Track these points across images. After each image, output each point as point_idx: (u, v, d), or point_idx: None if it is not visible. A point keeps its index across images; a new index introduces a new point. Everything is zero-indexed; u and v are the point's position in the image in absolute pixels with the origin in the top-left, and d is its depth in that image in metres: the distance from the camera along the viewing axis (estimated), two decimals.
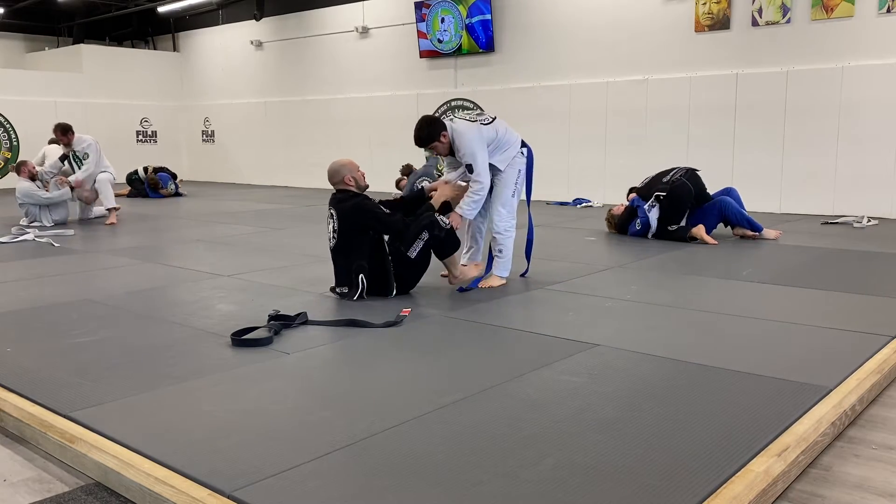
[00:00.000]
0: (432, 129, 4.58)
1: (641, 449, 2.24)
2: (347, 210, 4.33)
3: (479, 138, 4.57)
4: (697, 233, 6.45)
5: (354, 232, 4.34)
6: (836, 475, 2.26)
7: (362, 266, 4.32)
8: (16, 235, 7.23)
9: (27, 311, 4.18)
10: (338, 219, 4.36)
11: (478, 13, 11.16)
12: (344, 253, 4.37)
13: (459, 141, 4.56)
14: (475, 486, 2.01)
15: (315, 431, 2.40)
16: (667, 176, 6.76)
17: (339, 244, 4.38)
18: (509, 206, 4.77)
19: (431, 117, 4.70)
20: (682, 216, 6.65)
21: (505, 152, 4.69)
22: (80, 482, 2.26)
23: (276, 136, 14.57)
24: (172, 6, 14.76)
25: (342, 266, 4.40)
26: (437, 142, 4.57)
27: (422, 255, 4.38)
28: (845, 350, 3.25)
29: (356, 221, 4.32)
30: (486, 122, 4.68)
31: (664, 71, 9.63)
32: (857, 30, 8.25)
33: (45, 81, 14.59)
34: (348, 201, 4.37)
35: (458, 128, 4.59)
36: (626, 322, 3.88)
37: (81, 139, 8.41)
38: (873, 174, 8.24)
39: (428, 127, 4.59)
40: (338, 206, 4.39)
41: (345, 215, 4.33)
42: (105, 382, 2.91)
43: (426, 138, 4.57)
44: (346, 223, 4.33)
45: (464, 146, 4.54)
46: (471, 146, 4.53)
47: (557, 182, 10.54)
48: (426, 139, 4.57)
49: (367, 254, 4.34)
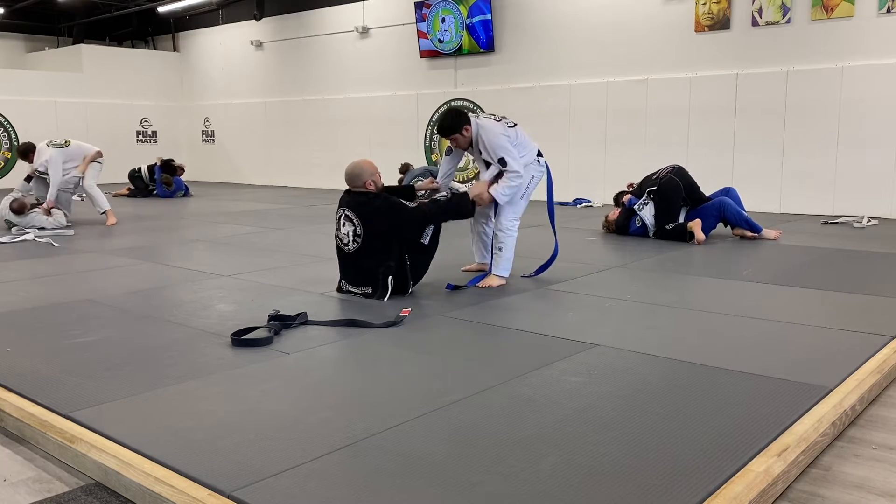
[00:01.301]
0: (458, 120, 4.67)
1: (641, 449, 2.24)
2: (376, 211, 4.24)
3: (505, 134, 4.70)
4: (692, 226, 6.45)
5: (382, 234, 4.27)
6: (836, 475, 2.26)
7: (390, 266, 4.31)
8: (16, 235, 7.23)
9: (27, 311, 4.18)
10: (362, 223, 4.27)
11: (478, 13, 11.17)
12: (369, 255, 4.30)
13: (487, 137, 4.64)
14: (475, 486, 2.01)
15: (315, 431, 2.40)
16: (655, 174, 6.90)
17: (363, 247, 4.29)
18: (516, 207, 4.83)
19: (459, 109, 4.82)
20: (677, 212, 6.67)
21: (522, 157, 4.78)
22: (80, 482, 2.26)
23: (276, 136, 14.58)
24: (172, 6, 14.76)
25: (367, 268, 4.32)
26: (460, 134, 4.66)
27: (433, 240, 4.42)
28: (845, 350, 3.25)
29: (389, 223, 4.26)
30: (509, 124, 4.82)
31: (664, 71, 9.63)
32: (857, 30, 8.25)
33: (45, 81, 14.60)
34: (373, 203, 4.28)
35: (485, 125, 4.69)
36: (626, 322, 3.88)
37: (40, 155, 8.07)
38: (873, 174, 8.24)
39: (454, 118, 4.69)
40: (360, 209, 4.29)
41: (372, 217, 4.25)
42: (105, 382, 2.91)
43: (449, 128, 4.66)
44: (375, 225, 4.25)
45: (492, 141, 4.64)
46: (500, 140, 4.65)
47: (557, 182, 10.38)
48: (449, 129, 4.66)
49: (396, 254, 4.32)
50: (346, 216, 4.37)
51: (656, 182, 6.78)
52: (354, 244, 4.33)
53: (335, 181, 12.37)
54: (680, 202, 6.70)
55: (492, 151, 4.64)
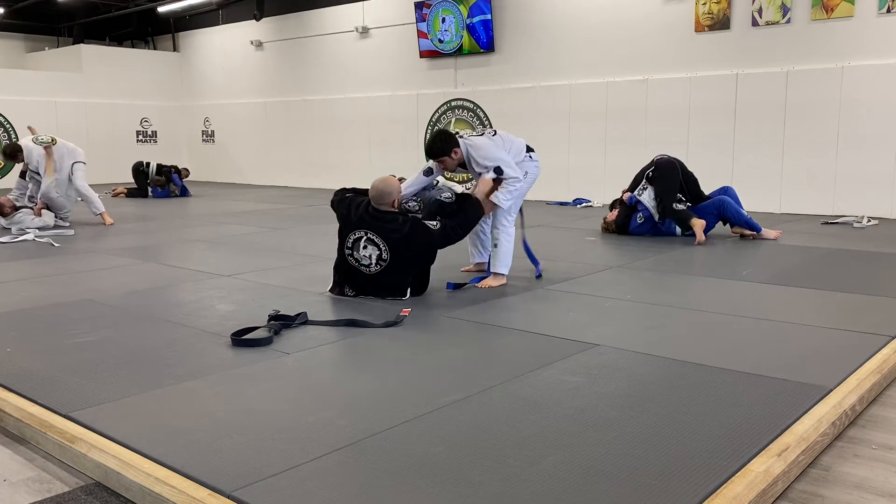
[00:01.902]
0: (446, 144, 4.68)
1: (641, 449, 2.24)
2: (406, 239, 4.17)
3: (494, 145, 4.76)
4: (695, 224, 6.45)
5: (411, 258, 4.26)
6: (836, 475, 2.26)
7: (414, 279, 4.37)
8: (16, 235, 7.22)
9: (27, 311, 4.18)
10: (390, 249, 4.18)
11: (479, 13, 11.16)
12: (393, 274, 4.26)
13: (477, 154, 4.69)
14: (475, 486, 2.01)
15: (315, 431, 2.40)
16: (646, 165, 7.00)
17: (387, 269, 4.23)
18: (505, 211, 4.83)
19: (448, 132, 4.82)
20: (677, 189, 6.69)
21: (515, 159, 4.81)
22: (80, 482, 2.26)
23: (276, 136, 14.57)
24: (172, 6, 14.76)
25: (390, 284, 4.30)
26: (448, 157, 4.67)
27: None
28: (845, 350, 3.25)
29: (420, 249, 4.25)
30: (492, 134, 4.87)
31: (664, 71, 9.63)
32: (857, 30, 8.25)
33: (45, 81, 14.60)
34: (401, 230, 4.17)
35: (474, 143, 4.73)
36: (626, 322, 3.88)
37: (30, 154, 8.01)
38: (873, 174, 8.23)
39: (442, 141, 4.69)
40: (388, 235, 4.17)
41: (402, 245, 4.18)
42: (105, 382, 2.91)
43: (438, 152, 4.67)
44: (405, 252, 4.20)
45: (484, 156, 4.68)
46: (491, 152, 4.70)
47: (557, 182, 10.54)
48: (437, 153, 4.67)
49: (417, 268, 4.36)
50: (369, 239, 4.22)
51: (651, 165, 6.87)
52: (377, 267, 4.25)
53: (335, 181, 12.35)
54: (679, 179, 6.72)
55: (487, 165, 4.67)
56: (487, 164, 4.67)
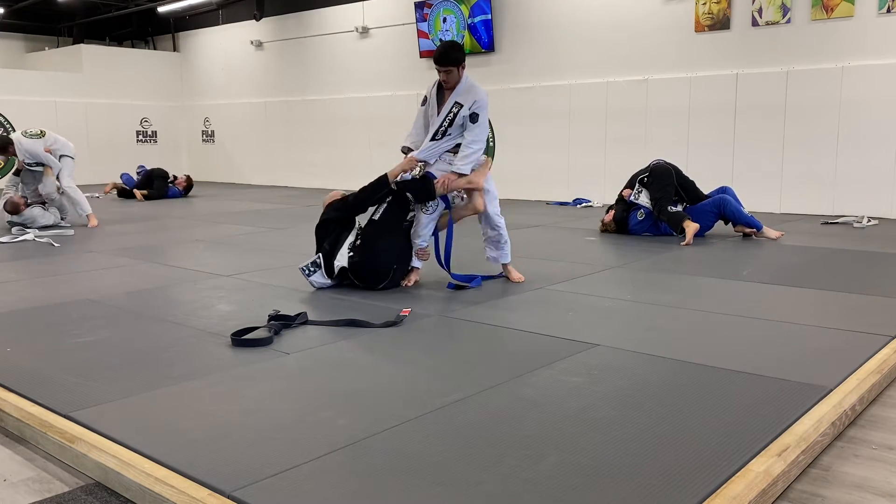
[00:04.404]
0: (461, 55, 4.59)
1: (641, 449, 2.23)
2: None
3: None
4: (688, 226, 6.47)
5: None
6: (836, 475, 2.26)
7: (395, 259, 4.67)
8: (16, 235, 7.22)
9: (27, 311, 4.18)
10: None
11: (480, 13, 11.17)
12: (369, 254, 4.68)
13: (477, 93, 4.59)
14: (475, 486, 2.01)
15: (315, 431, 2.40)
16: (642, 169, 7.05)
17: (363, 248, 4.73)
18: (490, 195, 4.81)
19: (461, 45, 4.78)
20: (671, 193, 6.73)
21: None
22: (80, 482, 2.26)
23: (276, 136, 14.58)
24: (172, 6, 14.76)
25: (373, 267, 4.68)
26: (456, 69, 4.54)
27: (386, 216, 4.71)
28: (845, 350, 3.25)
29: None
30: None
31: (664, 71, 9.63)
32: (857, 30, 8.25)
33: (45, 81, 14.60)
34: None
35: (477, 84, 4.66)
36: (626, 322, 3.88)
37: (20, 145, 7.92)
38: (873, 174, 8.24)
39: (460, 49, 4.63)
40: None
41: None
42: (105, 382, 2.91)
43: (453, 60, 4.51)
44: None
45: (481, 98, 4.60)
46: (486, 99, 4.64)
47: (557, 182, 10.55)
48: (452, 61, 4.51)
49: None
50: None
51: (646, 169, 6.93)
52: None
53: (335, 181, 12.38)
54: (674, 182, 6.76)
55: (476, 109, 4.57)
56: (476, 104, 4.56)
